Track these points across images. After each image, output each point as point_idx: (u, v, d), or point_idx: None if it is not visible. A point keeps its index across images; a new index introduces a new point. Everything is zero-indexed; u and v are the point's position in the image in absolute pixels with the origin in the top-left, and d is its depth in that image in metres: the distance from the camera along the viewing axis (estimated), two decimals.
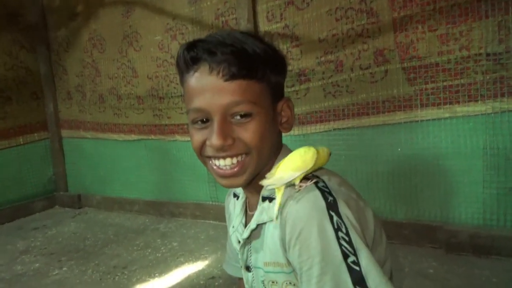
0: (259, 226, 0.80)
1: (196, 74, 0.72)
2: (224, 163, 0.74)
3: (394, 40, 2.48)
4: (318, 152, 0.74)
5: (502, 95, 2.23)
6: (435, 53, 2.37)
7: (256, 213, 0.79)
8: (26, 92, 4.29)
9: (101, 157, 4.14)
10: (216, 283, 2.18)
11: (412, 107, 2.47)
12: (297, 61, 2.81)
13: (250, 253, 0.84)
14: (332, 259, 0.61)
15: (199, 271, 2.35)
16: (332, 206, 0.65)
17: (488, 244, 2.23)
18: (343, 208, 0.66)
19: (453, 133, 2.37)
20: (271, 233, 0.76)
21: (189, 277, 2.29)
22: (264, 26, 2.90)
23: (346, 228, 0.63)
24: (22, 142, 4.23)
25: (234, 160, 0.74)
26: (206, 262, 2.46)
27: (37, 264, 2.69)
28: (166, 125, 3.57)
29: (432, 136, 2.43)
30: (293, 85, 2.86)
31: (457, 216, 2.39)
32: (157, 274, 2.35)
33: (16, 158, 4.14)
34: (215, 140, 0.71)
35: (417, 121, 2.47)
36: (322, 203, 0.65)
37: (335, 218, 0.64)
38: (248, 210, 0.89)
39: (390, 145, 2.57)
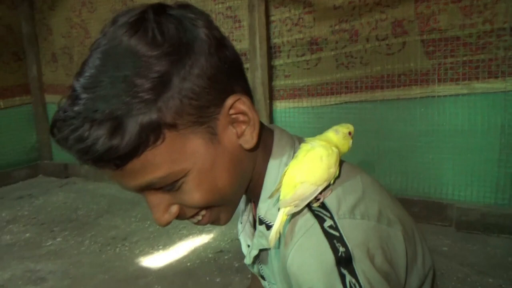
0: (263, 251, 0.63)
1: None
2: (192, 221, 0.58)
3: (415, 11, 2.37)
4: (338, 146, 0.55)
5: None
6: (457, 26, 2.28)
7: (256, 236, 0.62)
8: (6, 53, 3.97)
9: None
10: (226, 257, 2.09)
11: (429, 82, 2.39)
12: (309, 29, 2.67)
13: (262, 268, 0.68)
14: None
15: (206, 244, 2.25)
16: (344, 262, 0.48)
17: (500, 223, 2.22)
18: (359, 263, 0.48)
19: (470, 110, 2.31)
20: (277, 266, 0.60)
21: (195, 250, 2.19)
22: None
23: None
24: (2, 106, 3.95)
25: (199, 217, 0.57)
26: (211, 236, 2.37)
27: (27, 234, 2.53)
28: None
29: (448, 113, 2.37)
30: (303, 54, 2.72)
31: (469, 194, 2.36)
32: (160, 247, 2.24)
33: None
34: (155, 220, 0.55)
35: (434, 96, 2.39)
36: (330, 258, 0.48)
37: (347, 278, 0.47)
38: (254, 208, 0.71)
39: (403, 121, 2.49)
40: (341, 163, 0.57)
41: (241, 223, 0.71)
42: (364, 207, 0.52)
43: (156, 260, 2.12)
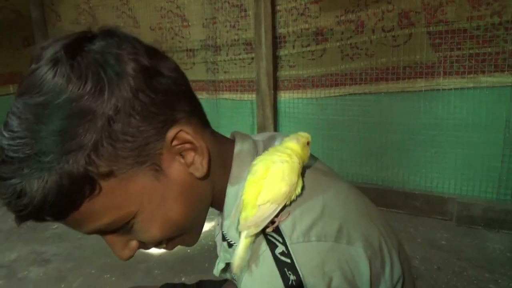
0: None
1: None
2: (158, 248, 0.58)
3: (422, 2, 2.33)
4: (299, 156, 0.53)
5: None
6: (464, 18, 2.24)
7: (221, 250, 0.61)
8: (16, 38, 4.02)
9: None
10: None
11: (434, 74, 2.37)
12: (314, 19, 2.65)
13: (234, 277, 0.66)
14: None
15: (206, 232, 2.28)
16: None
17: (501, 218, 2.21)
18: None
19: (475, 104, 2.29)
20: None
21: None
22: None
23: None
24: (12, 91, 4.00)
25: (163, 245, 0.56)
26: (212, 224, 2.39)
27: None
28: None
29: (453, 106, 2.34)
30: (308, 45, 2.71)
31: (471, 189, 2.35)
32: None
33: (5, 108, 3.92)
34: (117, 256, 0.54)
35: (439, 89, 2.37)
36: (280, 285, 0.46)
37: None
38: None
39: (407, 114, 2.48)
40: (304, 174, 0.54)
41: (218, 225, 0.67)
42: (321, 227, 0.49)
43: None
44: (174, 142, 0.49)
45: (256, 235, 0.50)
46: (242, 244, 0.49)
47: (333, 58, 2.65)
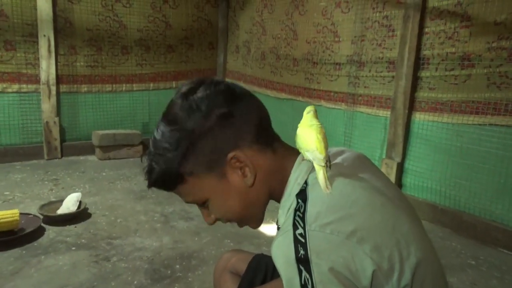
0: None
1: None
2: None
3: None
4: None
5: None
6: None
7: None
8: (205, 42, 4.97)
9: None
10: None
11: None
12: (463, 43, 2.58)
13: None
14: None
15: None
16: (302, 261, 0.62)
17: None
18: (316, 265, 0.61)
19: None
20: None
21: None
22: (433, 1, 2.71)
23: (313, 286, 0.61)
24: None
25: (234, 224, 0.83)
26: None
27: None
28: (314, 89, 3.74)
29: None
30: (452, 69, 2.65)
31: None
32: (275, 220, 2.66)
33: None
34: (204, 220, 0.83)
35: None
36: (292, 256, 0.63)
37: (304, 273, 0.62)
38: None
39: None
40: (346, 183, 0.70)
41: None
42: (337, 226, 0.63)
43: (268, 228, 2.56)
44: (232, 161, 0.73)
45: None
46: (321, 175, 0.69)
47: (477, 85, 2.54)
